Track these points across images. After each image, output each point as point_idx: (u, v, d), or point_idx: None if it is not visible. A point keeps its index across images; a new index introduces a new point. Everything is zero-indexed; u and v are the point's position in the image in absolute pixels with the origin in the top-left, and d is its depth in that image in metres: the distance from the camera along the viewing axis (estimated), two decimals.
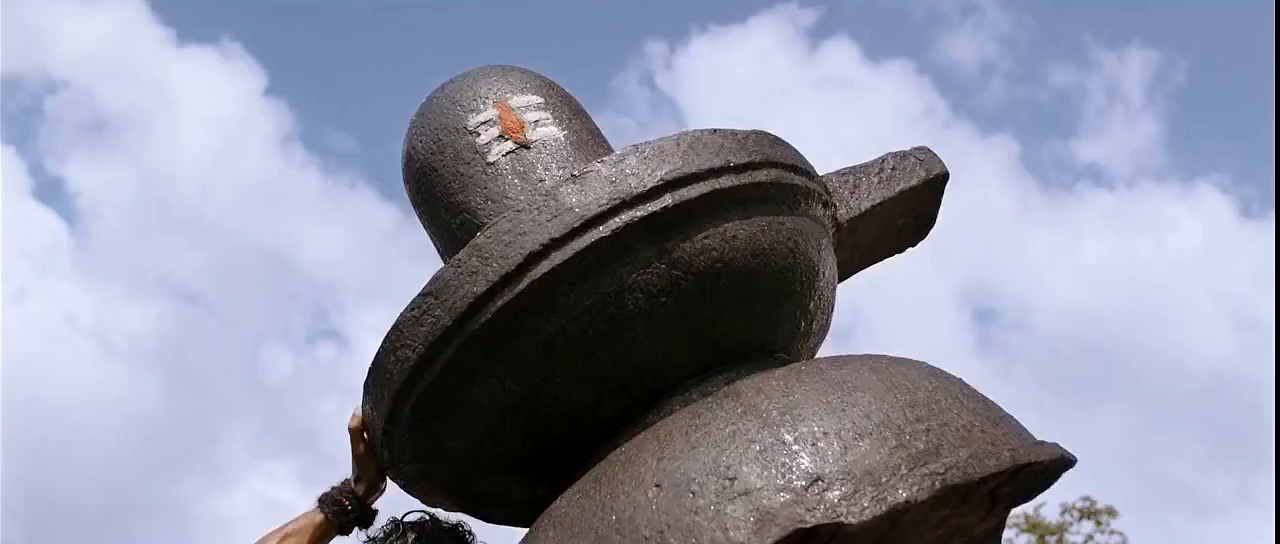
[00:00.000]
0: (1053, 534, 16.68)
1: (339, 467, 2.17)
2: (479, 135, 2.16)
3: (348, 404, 2.16)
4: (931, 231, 2.46)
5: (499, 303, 1.82)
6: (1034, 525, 16.77)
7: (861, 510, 1.58)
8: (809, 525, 1.56)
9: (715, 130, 1.95)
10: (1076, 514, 16.72)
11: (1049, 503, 16.83)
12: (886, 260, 2.46)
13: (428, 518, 2.06)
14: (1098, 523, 16.68)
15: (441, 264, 2.02)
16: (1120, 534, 16.61)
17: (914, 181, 2.32)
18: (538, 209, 1.83)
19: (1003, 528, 2.02)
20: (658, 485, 1.66)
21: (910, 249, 2.49)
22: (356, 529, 2.11)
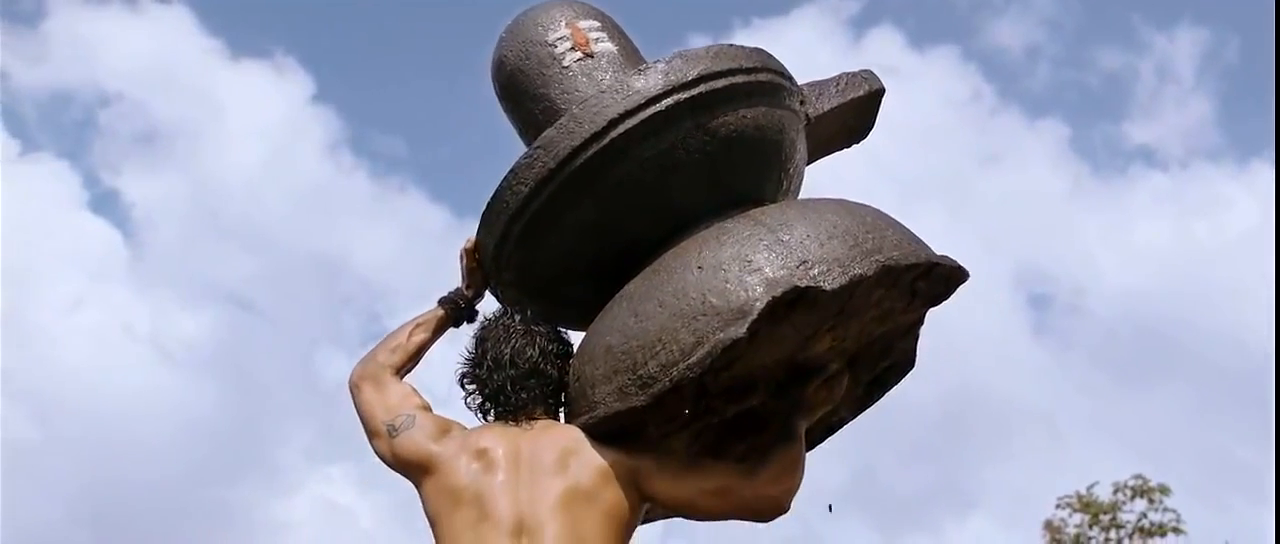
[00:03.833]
0: (1106, 513, 16.84)
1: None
2: (556, 47, 3.01)
3: None
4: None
5: (588, 153, 2.68)
6: (1087, 504, 16.92)
7: (833, 279, 2.48)
8: (802, 286, 2.46)
9: (730, 44, 2.83)
10: (1129, 493, 16.86)
11: (1102, 482, 16.97)
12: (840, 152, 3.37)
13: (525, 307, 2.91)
14: (1150, 501, 16.81)
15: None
16: (1174, 512, 16.75)
17: (861, 92, 3.23)
18: (615, 90, 2.70)
19: (920, 326, 2.95)
20: (700, 267, 2.55)
21: (856, 145, 3.40)
22: (464, 323, 2.96)
